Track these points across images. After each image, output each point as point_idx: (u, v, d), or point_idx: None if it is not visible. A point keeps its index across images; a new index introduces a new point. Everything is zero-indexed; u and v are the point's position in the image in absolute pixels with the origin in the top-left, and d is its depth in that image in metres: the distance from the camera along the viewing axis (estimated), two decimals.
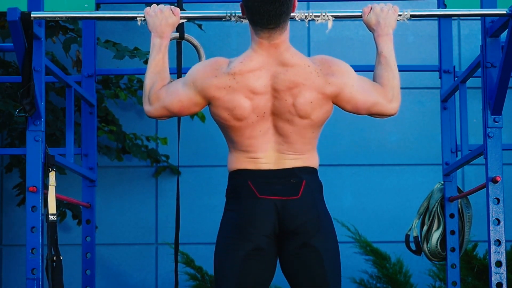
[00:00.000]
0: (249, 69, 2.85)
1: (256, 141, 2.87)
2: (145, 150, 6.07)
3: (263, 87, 2.85)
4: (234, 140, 2.90)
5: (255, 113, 2.85)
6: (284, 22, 2.84)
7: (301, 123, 2.87)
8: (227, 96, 2.85)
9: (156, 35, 3.05)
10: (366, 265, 5.88)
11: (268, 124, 2.87)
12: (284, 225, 2.85)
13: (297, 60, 2.88)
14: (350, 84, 2.90)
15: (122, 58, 5.25)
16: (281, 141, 2.88)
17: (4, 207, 6.34)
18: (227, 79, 2.85)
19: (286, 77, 2.85)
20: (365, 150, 6.34)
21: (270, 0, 2.78)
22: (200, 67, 2.91)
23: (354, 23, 6.39)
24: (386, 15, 3.07)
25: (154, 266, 6.32)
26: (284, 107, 2.85)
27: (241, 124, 2.86)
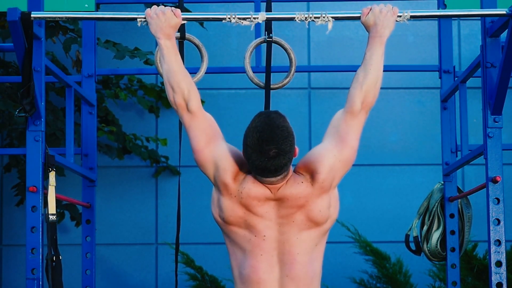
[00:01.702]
0: (255, 196, 2.85)
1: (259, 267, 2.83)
2: (145, 150, 6.07)
3: (265, 213, 2.85)
4: (236, 263, 2.88)
5: (252, 232, 2.85)
6: (285, 170, 2.82)
7: (312, 234, 2.86)
8: (228, 201, 2.87)
9: (163, 37, 3.02)
10: (366, 265, 5.88)
11: (272, 252, 2.85)
12: None
13: (293, 189, 2.85)
14: (334, 159, 2.89)
15: (122, 58, 5.25)
16: (284, 275, 2.85)
17: (4, 207, 6.34)
18: (236, 190, 2.86)
19: (288, 204, 2.85)
20: (365, 150, 6.34)
21: (270, 160, 2.76)
22: (233, 159, 2.88)
23: (354, 23, 6.39)
24: (384, 17, 3.06)
25: (154, 266, 6.32)
26: (294, 227, 2.85)
27: (233, 232, 2.86)
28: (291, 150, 2.78)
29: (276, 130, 2.76)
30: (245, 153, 2.80)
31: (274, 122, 2.77)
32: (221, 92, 6.39)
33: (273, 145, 2.74)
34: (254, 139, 2.76)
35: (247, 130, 2.80)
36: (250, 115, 2.85)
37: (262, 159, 2.75)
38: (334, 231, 5.89)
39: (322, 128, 3.03)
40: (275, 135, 2.75)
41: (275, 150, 2.74)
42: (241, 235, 2.86)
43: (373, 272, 5.86)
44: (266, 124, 2.77)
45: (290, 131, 2.78)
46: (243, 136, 2.81)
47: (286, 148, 2.76)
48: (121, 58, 5.24)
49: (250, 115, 2.85)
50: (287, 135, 2.77)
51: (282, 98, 6.15)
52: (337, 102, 3.08)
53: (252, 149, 2.76)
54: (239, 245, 2.88)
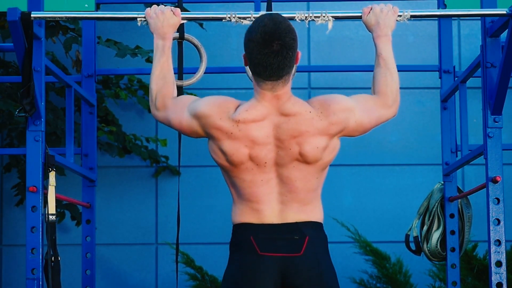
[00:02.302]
0: (252, 118, 2.83)
1: (258, 190, 2.85)
2: (145, 150, 6.07)
3: (265, 137, 2.83)
4: (236, 186, 2.88)
5: (254, 162, 2.83)
6: (287, 74, 2.81)
7: (308, 168, 2.85)
8: (227, 141, 2.84)
9: (158, 36, 3.04)
10: (366, 265, 5.88)
11: (271, 174, 2.85)
12: (286, 282, 2.83)
13: (298, 109, 2.84)
14: (352, 116, 2.89)
15: (123, 57, 5.24)
16: (285, 191, 2.86)
17: (4, 207, 6.34)
18: (230, 125, 2.83)
19: (289, 126, 2.83)
20: (365, 150, 6.34)
21: (273, 54, 2.75)
22: (209, 104, 2.87)
23: (354, 23, 6.39)
24: (386, 16, 3.07)
25: (154, 266, 6.32)
26: (289, 155, 2.83)
27: (238, 169, 2.85)
28: (294, 46, 2.78)
29: (279, 24, 2.77)
30: (247, 50, 2.80)
31: (277, 18, 2.79)
32: (221, 92, 6.39)
33: (276, 38, 2.75)
34: (257, 32, 2.76)
35: (250, 27, 2.82)
36: None
37: (265, 52, 2.75)
38: (334, 231, 5.92)
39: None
40: (278, 29, 2.76)
41: (278, 42, 2.74)
42: (244, 169, 2.84)
43: (373, 272, 5.86)
44: (269, 20, 2.78)
45: (293, 28, 2.80)
46: (245, 34, 2.82)
47: (289, 42, 2.76)
48: (123, 56, 5.23)
49: None
50: (291, 29, 2.78)
51: None
52: None
53: (255, 43, 2.76)
54: (240, 178, 2.86)
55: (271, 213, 2.86)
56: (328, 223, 5.90)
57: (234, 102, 2.87)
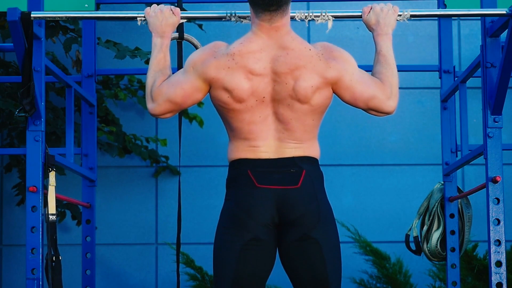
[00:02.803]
0: (248, 50, 2.85)
1: (256, 127, 2.86)
2: (145, 150, 6.07)
3: (263, 69, 2.84)
4: (234, 127, 2.89)
5: (254, 96, 2.84)
6: (285, 4, 2.83)
7: (301, 108, 2.85)
8: (227, 77, 2.83)
9: (156, 35, 3.06)
10: (366, 265, 5.88)
11: (268, 110, 2.86)
12: (284, 215, 2.83)
13: (297, 44, 2.86)
14: (350, 71, 2.90)
15: (123, 58, 5.24)
16: (281, 128, 2.87)
17: (4, 207, 6.33)
18: (226, 60, 2.84)
19: (286, 59, 2.84)
20: (365, 150, 6.34)
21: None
22: (198, 52, 2.91)
23: (354, 23, 6.39)
24: (386, 15, 3.08)
25: (154, 266, 6.32)
26: (284, 91, 2.84)
27: (241, 107, 2.84)
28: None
29: None
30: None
31: None
32: None
33: None
34: None
35: None
36: None
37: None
38: None
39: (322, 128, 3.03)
40: None
41: None
42: (244, 106, 2.85)
43: (373, 272, 5.86)
44: None
45: None
46: None
47: None
48: (122, 58, 5.23)
49: None
50: None
51: None
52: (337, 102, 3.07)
53: None
54: (239, 118, 2.87)
55: (268, 149, 2.87)
56: None
57: (223, 42, 2.91)
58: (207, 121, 5.97)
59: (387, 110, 2.98)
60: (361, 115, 4.92)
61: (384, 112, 2.98)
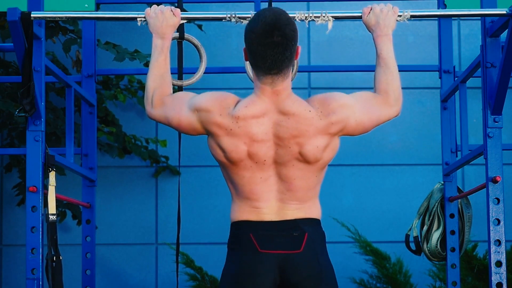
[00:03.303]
0: (252, 114, 2.82)
1: (257, 188, 2.85)
2: (145, 150, 6.07)
3: (265, 134, 2.82)
4: (235, 183, 2.88)
5: (253, 160, 2.83)
6: (287, 67, 2.81)
7: (308, 167, 2.85)
8: (226, 138, 2.83)
9: (157, 36, 3.05)
10: (366, 265, 5.88)
11: (270, 172, 2.85)
12: (286, 279, 2.83)
13: (298, 107, 2.83)
14: (352, 114, 2.89)
15: (122, 60, 5.25)
16: (284, 189, 2.86)
17: (4, 207, 6.34)
18: (230, 121, 2.83)
19: (288, 125, 2.82)
20: (365, 150, 6.34)
21: (273, 44, 2.75)
22: (209, 100, 2.87)
23: (354, 23, 6.39)
24: (386, 16, 3.07)
25: (154, 266, 6.32)
26: (288, 154, 2.83)
27: (237, 167, 2.84)
28: (295, 39, 2.78)
29: (280, 16, 2.77)
30: (248, 41, 2.80)
31: (278, 11, 2.80)
32: None
33: (277, 30, 2.75)
34: (258, 23, 2.76)
35: (251, 20, 2.82)
36: None
37: (266, 43, 2.76)
38: (334, 231, 5.92)
39: None
40: (279, 20, 2.76)
41: (279, 34, 2.75)
42: (243, 166, 2.84)
43: (373, 272, 5.86)
44: (270, 12, 2.79)
45: (293, 21, 2.80)
46: (246, 26, 2.82)
47: (290, 34, 2.76)
48: (121, 60, 5.24)
49: None
50: (291, 22, 2.78)
51: None
52: None
53: (256, 34, 2.77)
54: (239, 175, 2.86)
55: (270, 210, 2.86)
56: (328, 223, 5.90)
57: (234, 98, 2.87)
58: None
59: (393, 117, 3.03)
60: None
61: (392, 118, 3.01)
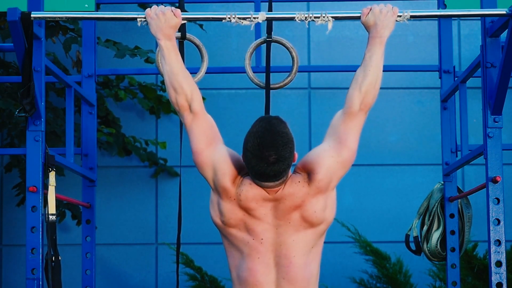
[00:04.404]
0: (253, 197, 2.86)
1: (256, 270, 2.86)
2: (144, 152, 6.07)
3: (263, 215, 2.87)
4: (234, 265, 2.90)
5: (250, 235, 2.87)
6: (284, 176, 2.84)
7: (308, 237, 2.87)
8: (228, 205, 2.88)
9: (163, 37, 3.03)
10: (366, 265, 5.88)
11: (268, 255, 2.87)
12: None
13: (289, 185, 2.87)
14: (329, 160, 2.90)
15: (123, 57, 5.24)
16: (281, 278, 2.87)
17: (4, 207, 6.34)
18: (235, 193, 2.88)
19: (285, 206, 2.86)
20: (365, 150, 6.34)
21: (269, 166, 2.78)
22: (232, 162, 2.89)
23: (354, 23, 6.39)
24: (385, 17, 3.06)
25: (154, 266, 6.32)
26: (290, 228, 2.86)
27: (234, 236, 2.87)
28: (291, 157, 2.81)
29: (276, 136, 2.78)
30: (245, 157, 2.82)
31: (275, 128, 2.79)
32: (221, 92, 6.39)
33: (273, 151, 2.76)
34: (254, 144, 2.77)
35: (248, 135, 2.82)
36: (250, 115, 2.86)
37: (261, 165, 2.77)
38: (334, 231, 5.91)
39: (322, 128, 3.03)
40: (275, 141, 2.77)
41: (274, 156, 2.77)
42: (240, 238, 2.87)
43: (373, 272, 5.86)
44: (266, 130, 2.78)
45: (290, 137, 2.81)
46: (244, 141, 2.82)
47: (285, 155, 2.78)
48: (122, 57, 5.23)
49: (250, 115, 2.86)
50: (287, 142, 2.79)
51: (282, 98, 6.15)
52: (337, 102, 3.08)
53: (252, 154, 2.78)
54: (237, 248, 2.89)
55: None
56: None
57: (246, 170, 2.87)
58: None
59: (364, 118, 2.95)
60: None
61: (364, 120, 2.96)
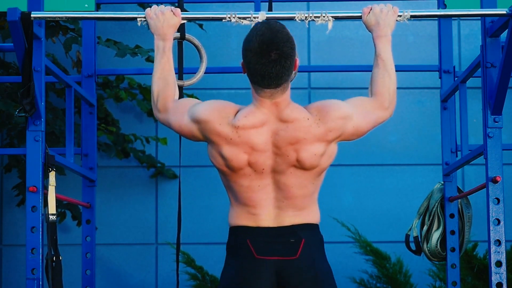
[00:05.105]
0: (252, 125, 2.83)
1: (255, 195, 2.86)
2: (143, 155, 6.07)
3: (264, 144, 2.84)
4: (233, 190, 2.90)
5: (252, 168, 2.85)
6: (285, 82, 2.82)
7: (305, 175, 2.86)
8: (226, 147, 2.85)
9: (159, 37, 3.05)
10: (366, 265, 5.88)
11: (268, 180, 2.86)
12: (283, 285, 2.85)
13: (296, 115, 2.84)
14: (350, 122, 2.90)
15: (123, 56, 5.23)
16: (281, 197, 2.87)
17: (4, 207, 6.33)
18: (229, 131, 2.84)
19: (287, 133, 2.83)
20: (365, 150, 6.34)
21: (271, 63, 2.75)
22: (208, 110, 2.88)
23: (354, 23, 6.39)
24: (386, 16, 3.08)
25: (154, 266, 6.32)
26: (286, 162, 2.84)
27: (236, 174, 2.86)
28: (292, 55, 2.78)
29: (277, 33, 2.77)
30: (245, 59, 2.80)
31: (275, 26, 2.79)
32: (221, 92, 6.39)
33: (274, 48, 2.75)
34: (255, 42, 2.76)
35: (247, 36, 2.81)
36: None
37: (263, 62, 2.75)
38: (334, 231, 5.91)
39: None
40: (276, 38, 2.76)
41: (276, 52, 2.75)
42: (242, 174, 2.86)
43: (373, 272, 5.86)
44: (267, 29, 2.78)
45: (291, 36, 2.80)
46: (243, 43, 2.81)
47: (287, 51, 2.76)
48: (123, 56, 5.22)
49: None
50: (288, 38, 2.78)
51: None
52: None
53: (253, 53, 2.77)
54: (238, 183, 2.88)
55: (267, 217, 2.87)
56: (328, 223, 5.90)
57: (234, 107, 2.87)
58: None
59: (387, 118, 3.03)
60: None
61: (385, 120, 3.02)
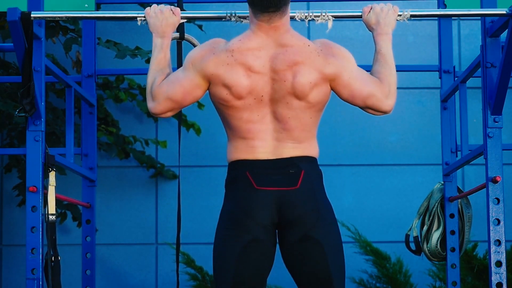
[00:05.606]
0: (247, 47, 2.86)
1: (254, 126, 2.87)
2: (143, 155, 6.07)
3: (262, 67, 2.85)
4: (232, 125, 2.89)
5: (252, 95, 2.84)
6: (284, 5, 2.84)
7: (299, 105, 2.86)
8: (226, 73, 2.85)
9: (157, 35, 3.07)
10: (366, 265, 5.88)
11: (266, 109, 2.87)
12: (283, 216, 2.84)
13: (296, 40, 2.88)
14: (349, 69, 2.91)
15: (123, 58, 5.24)
16: (280, 128, 2.87)
17: (4, 207, 6.34)
18: (225, 56, 2.86)
19: (285, 57, 2.85)
20: (365, 150, 6.34)
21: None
22: (197, 49, 2.93)
23: (354, 23, 6.39)
24: (386, 15, 3.08)
25: (154, 266, 6.32)
26: (283, 89, 2.84)
27: (240, 104, 2.85)
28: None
29: None
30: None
31: None
32: None
33: None
34: None
35: None
36: None
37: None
38: None
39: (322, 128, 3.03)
40: None
41: None
42: (242, 105, 2.86)
43: (373, 272, 5.86)
44: None
45: None
46: None
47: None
48: (123, 57, 5.22)
49: None
50: None
51: None
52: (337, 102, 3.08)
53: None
54: (237, 116, 2.88)
55: (266, 149, 2.88)
56: None
57: (221, 39, 2.93)
58: (207, 121, 5.96)
59: (384, 109, 2.99)
60: (361, 115, 4.92)
61: (382, 111, 2.99)
